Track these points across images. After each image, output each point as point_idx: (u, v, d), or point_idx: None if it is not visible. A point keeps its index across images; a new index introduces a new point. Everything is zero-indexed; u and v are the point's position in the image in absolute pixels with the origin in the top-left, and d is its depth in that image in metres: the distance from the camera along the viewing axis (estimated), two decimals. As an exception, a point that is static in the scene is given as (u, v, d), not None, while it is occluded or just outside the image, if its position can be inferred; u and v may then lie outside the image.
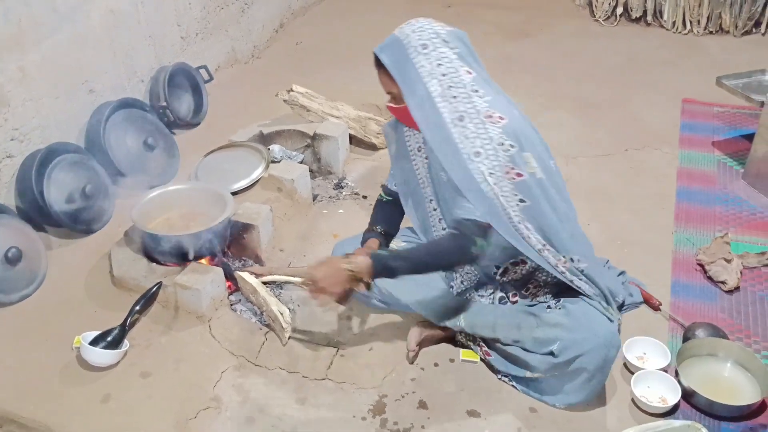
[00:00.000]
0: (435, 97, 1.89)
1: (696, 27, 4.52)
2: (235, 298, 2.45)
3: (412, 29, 1.91)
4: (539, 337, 1.99)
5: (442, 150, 1.91)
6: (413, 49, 1.89)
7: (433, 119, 1.90)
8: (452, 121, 1.89)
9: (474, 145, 1.88)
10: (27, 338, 2.30)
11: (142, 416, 2.04)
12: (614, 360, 1.97)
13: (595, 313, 1.99)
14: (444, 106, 1.89)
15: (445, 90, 1.89)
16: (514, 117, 1.93)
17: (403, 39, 1.90)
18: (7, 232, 2.44)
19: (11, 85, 2.59)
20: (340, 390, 2.15)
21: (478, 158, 1.88)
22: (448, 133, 1.89)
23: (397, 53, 1.91)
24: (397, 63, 1.90)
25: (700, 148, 3.30)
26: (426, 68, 1.89)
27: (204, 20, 3.74)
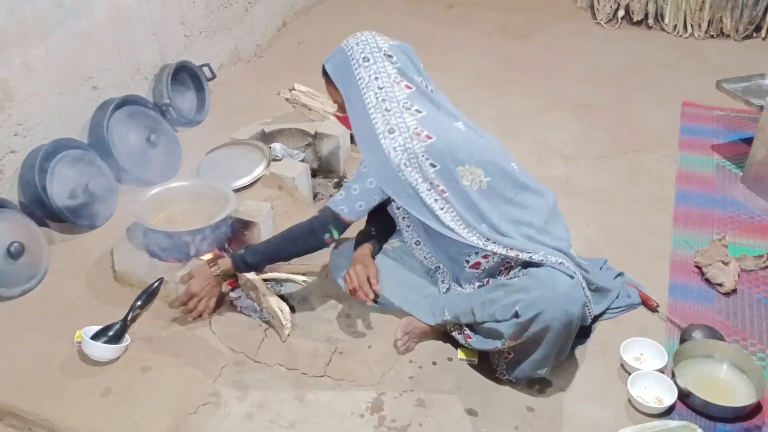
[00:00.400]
0: (369, 109, 2.02)
1: (697, 31, 4.54)
2: (235, 295, 2.46)
3: (356, 42, 2.04)
4: (507, 304, 1.99)
5: (370, 159, 2.04)
6: (355, 61, 2.02)
7: (366, 129, 2.03)
8: (382, 133, 2.01)
9: (401, 158, 2.00)
10: (28, 332, 2.32)
11: (142, 410, 2.06)
12: (578, 317, 1.97)
13: (555, 272, 1.99)
14: (377, 118, 2.01)
15: (379, 102, 2.01)
16: (447, 134, 2.01)
17: (347, 51, 2.04)
18: (9, 227, 2.46)
19: (15, 80, 2.60)
20: (339, 387, 2.16)
21: (407, 169, 2.01)
22: (377, 144, 2.01)
23: (340, 64, 2.05)
24: (340, 73, 2.05)
25: (700, 152, 3.31)
26: (365, 80, 2.01)
27: (208, 18, 3.75)
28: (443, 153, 2.00)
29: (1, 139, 2.59)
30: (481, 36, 4.56)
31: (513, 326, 1.98)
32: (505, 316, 2.00)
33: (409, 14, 4.94)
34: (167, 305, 2.39)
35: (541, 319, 1.93)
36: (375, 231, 2.34)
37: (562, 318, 1.93)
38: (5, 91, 2.57)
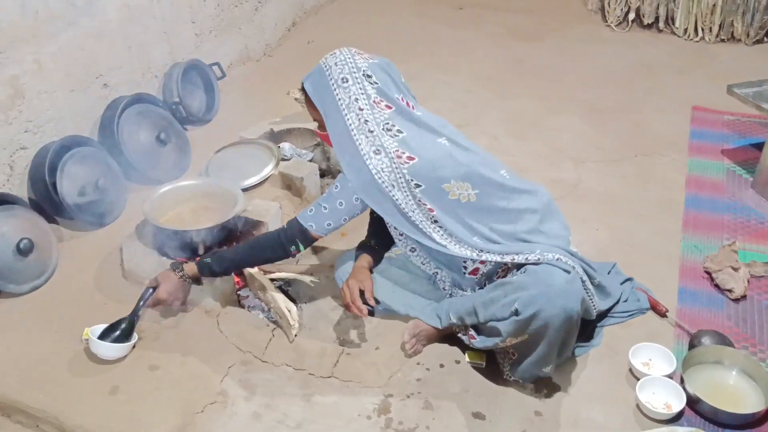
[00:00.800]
0: (352, 130, 2.01)
1: (708, 34, 4.52)
2: (243, 294, 2.46)
3: (334, 62, 2.04)
4: (506, 303, 1.99)
5: (355, 178, 2.03)
6: (334, 81, 2.02)
7: (350, 150, 2.02)
8: (367, 154, 2.00)
9: (390, 179, 2.00)
10: (37, 329, 2.32)
11: (150, 409, 2.06)
12: (578, 311, 1.96)
13: (552, 268, 1.98)
14: (360, 140, 2.01)
15: (362, 124, 2.01)
16: (428, 152, 2.01)
17: (326, 71, 2.04)
18: (19, 223, 2.46)
19: (27, 77, 2.61)
20: (346, 388, 2.16)
21: (393, 189, 2.01)
22: (362, 164, 2.01)
23: (319, 84, 2.05)
24: (320, 94, 2.05)
25: (710, 156, 3.30)
26: (345, 101, 2.01)
27: (218, 17, 3.76)
28: (427, 172, 2.00)
29: (11, 135, 2.60)
30: (490, 38, 4.55)
31: (512, 324, 1.98)
32: (505, 315, 2.00)
33: (418, 15, 4.94)
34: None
35: (540, 317, 1.92)
36: (375, 242, 2.34)
37: (560, 314, 1.92)
38: (16, 88, 2.58)
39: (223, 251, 2.25)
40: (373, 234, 2.37)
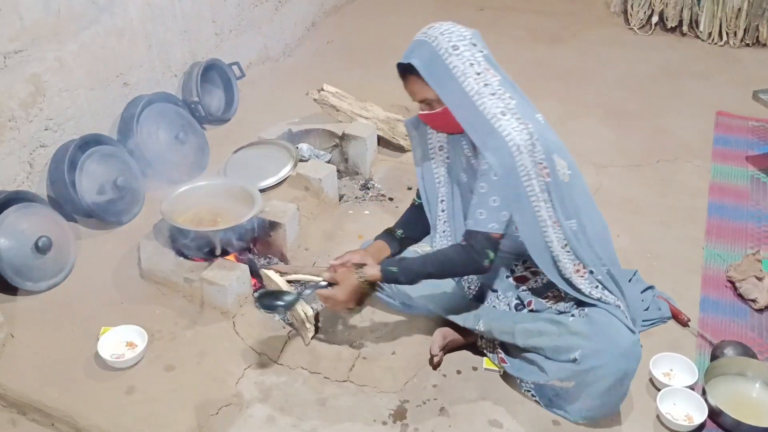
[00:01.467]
0: (473, 96, 1.89)
1: (732, 39, 4.45)
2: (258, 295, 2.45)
3: (439, 32, 1.91)
4: (560, 345, 1.97)
5: (485, 143, 1.90)
6: (444, 50, 1.89)
7: (476, 117, 1.90)
8: (494, 116, 1.89)
9: (516, 140, 1.88)
10: (54, 327, 2.32)
11: (165, 410, 2.05)
12: (633, 374, 1.94)
13: (617, 323, 1.96)
14: (485, 103, 1.89)
15: (482, 87, 1.90)
16: (538, 122, 1.94)
17: (431, 42, 1.90)
18: (38, 221, 2.47)
19: (48, 75, 2.62)
20: (362, 393, 2.14)
21: (523, 154, 1.88)
22: (491, 127, 1.89)
23: (427, 56, 1.90)
24: (430, 65, 1.90)
25: (734, 163, 3.24)
26: (459, 68, 1.89)
27: (238, 17, 3.75)
28: (542, 137, 1.91)
29: (31, 133, 2.61)
30: (512, 40, 4.51)
31: (566, 370, 1.96)
32: (557, 357, 1.98)
33: (439, 16, 4.87)
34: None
35: (597, 372, 1.90)
36: (403, 232, 2.27)
37: (618, 374, 1.90)
38: (38, 86, 2.58)
39: (408, 262, 2.05)
40: (404, 223, 2.29)
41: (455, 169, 2.14)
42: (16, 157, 2.56)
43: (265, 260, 2.59)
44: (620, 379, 1.91)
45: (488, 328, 2.11)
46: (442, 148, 2.16)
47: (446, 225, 2.22)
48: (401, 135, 3.26)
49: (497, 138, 1.88)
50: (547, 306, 2.10)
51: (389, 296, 2.31)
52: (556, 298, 2.09)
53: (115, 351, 2.19)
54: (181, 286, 2.42)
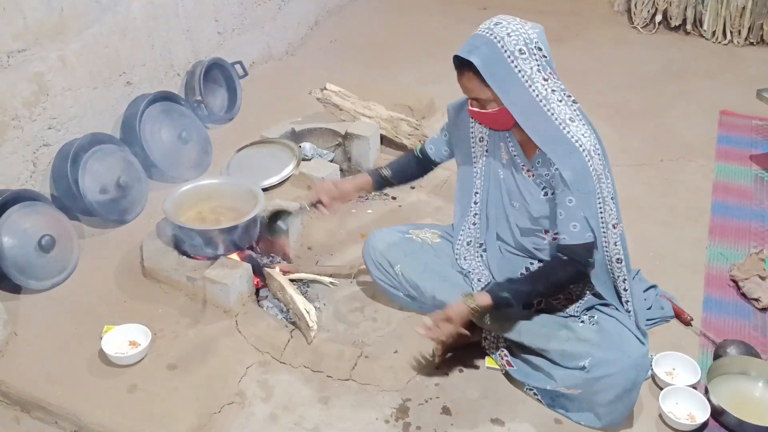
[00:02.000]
0: (541, 101, 1.87)
1: (736, 38, 4.44)
2: (262, 294, 2.45)
3: (506, 32, 1.85)
4: (568, 351, 1.97)
5: (555, 151, 1.89)
6: (510, 53, 1.84)
7: (542, 121, 1.89)
8: (563, 122, 1.89)
9: (586, 146, 1.89)
10: (57, 325, 2.33)
11: (167, 408, 2.06)
12: (641, 384, 1.95)
13: (628, 333, 1.97)
14: (553, 109, 1.88)
15: (549, 93, 1.88)
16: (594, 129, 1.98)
17: (497, 42, 1.84)
18: (41, 220, 2.48)
19: (51, 74, 2.63)
20: (364, 391, 2.14)
21: (594, 157, 1.90)
22: (561, 134, 1.89)
23: (492, 57, 1.84)
24: (494, 68, 1.84)
25: (737, 162, 3.24)
26: (527, 73, 1.86)
27: (241, 16, 3.76)
28: (602, 143, 1.96)
29: (35, 132, 2.61)
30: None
31: (573, 378, 1.96)
32: (564, 362, 1.98)
33: (442, 15, 4.91)
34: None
35: (606, 381, 1.90)
36: (391, 175, 2.31)
37: (627, 384, 1.90)
38: (41, 85, 2.59)
39: (516, 284, 2.01)
40: (394, 167, 2.33)
41: (493, 164, 2.13)
42: (19, 156, 2.56)
43: (267, 259, 2.59)
44: (628, 390, 1.91)
45: (495, 322, 2.10)
46: (483, 140, 2.13)
47: (477, 218, 2.21)
48: (404, 134, 3.26)
49: (569, 145, 1.88)
50: (557, 308, 2.10)
51: (395, 287, 2.30)
52: (568, 300, 2.10)
53: (119, 350, 2.19)
54: (183, 285, 2.42)
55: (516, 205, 2.11)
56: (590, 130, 1.92)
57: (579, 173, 1.88)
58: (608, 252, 2.01)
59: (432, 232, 2.35)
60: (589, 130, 1.92)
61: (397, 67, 4.12)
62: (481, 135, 2.14)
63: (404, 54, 4.30)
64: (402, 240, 2.31)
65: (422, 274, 2.24)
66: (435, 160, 2.30)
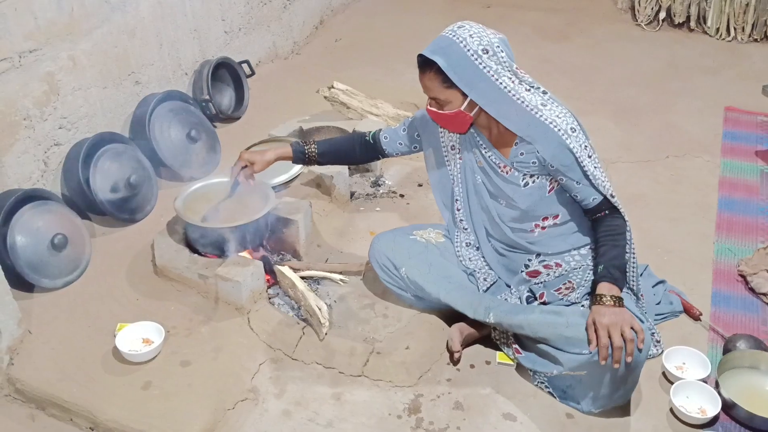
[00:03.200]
0: (510, 91, 1.95)
1: (740, 34, 4.45)
2: (273, 292, 2.47)
3: (468, 33, 1.93)
4: (570, 337, 1.98)
5: (531, 135, 1.97)
6: (474, 52, 1.92)
7: (514, 110, 1.96)
8: (536, 107, 1.96)
9: (567, 122, 1.96)
10: (70, 323, 2.34)
11: (182, 404, 2.07)
12: (644, 362, 1.94)
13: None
14: (523, 97, 1.95)
15: (517, 85, 1.96)
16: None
17: (460, 42, 1.92)
18: (54, 219, 2.49)
19: (62, 74, 2.64)
20: (376, 387, 2.16)
21: (574, 133, 1.97)
22: (534, 119, 1.96)
23: (455, 56, 1.92)
24: (458, 66, 1.92)
25: (743, 158, 3.25)
26: (492, 68, 1.93)
27: (247, 15, 3.77)
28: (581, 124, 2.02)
29: (46, 131, 2.63)
30: (519, 37, 4.51)
31: (576, 361, 1.97)
32: (568, 348, 1.98)
33: (446, 13, 4.92)
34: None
35: (608, 362, 1.90)
36: (317, 151, 2.36)
37: (630, 362, 1.89)
38: (51, 84, 2.60)
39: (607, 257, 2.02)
40: (331, 144, 2.37)
41: (469, 170, 2.19)
42: (31, 156, 2.58)
43: (277, 257, 2.60)
44: (632, 368, 1.91)
45: (498, 320, 2.12)
46: (454, 148, 2.20)
47: (464, 223, 2.27)
48: (411, 132, 3.27)
49: (543, 127, 1.96)
50: (559, 297, 2.12)
51: (402, 288, 2.33)
52: (569, 290, 2.12)
53: (133, 347, 2.21)
54: (195, 283, 2.43)
55: (502, 203, 2.16)
56: (564, 110, 1.98)
57: (560, 152, 1.96)
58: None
59: (436, 232, 2.38)
60: (563, 110, 1.98)
61: (402, 65, 4.12)
62: (452, 143, 2.21)
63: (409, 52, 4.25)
64: (406, 241, 2.33)
65: (427, 276, 2.26)
66: (386, 150, 2.35)
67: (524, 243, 2.17)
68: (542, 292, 2.15)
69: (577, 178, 2.00)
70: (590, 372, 1.97)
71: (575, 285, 2.12)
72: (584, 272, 2.13)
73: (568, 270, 2.14)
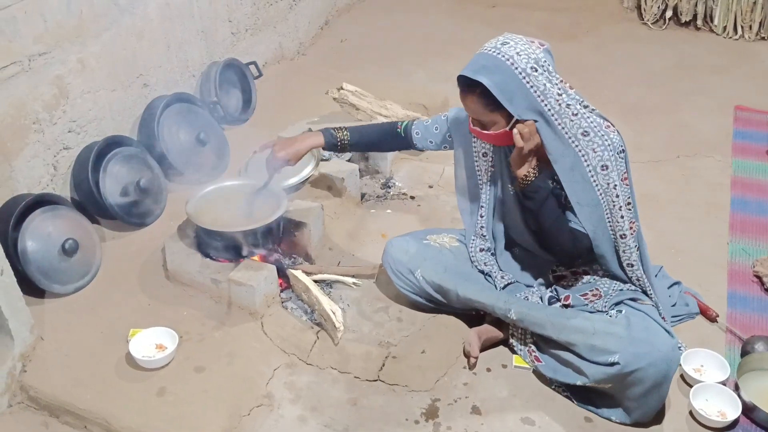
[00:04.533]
0: (553, 115, 1.89)
1: (748, 32, 4.44)
2: (285, 296, 2.45)
3: (515, 51, 1.86)
4: (596, 345, 1.96)
5: (560, 163, 1.93)
6: (522, 71, 1.85)
7: (555, 138, 1.91)
8: (575, 137, 1.91)
9: (602, 158, 1.92)
10: (82, 329, 2.32)
11: (197, 410, 2.05)
12: (671, 378, 1.93)
13: (656, 326, 1.96)
14: (564, 123, 1.90)
15: (563, 108, 1.89)
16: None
17: (507, 60, 1.85)
18: (65, 224, 2.47)
19: (71, 77, 2.61)
20: (392, 392, 2.14)
21: (605, 171, 1.92)
22: (572, 151, 1.91)
23: (503, 77, 1.85)
24: (505, 88, 1.85)
25: (755, 157, 3.23)
26: (540, 89, 1.87)
27: (254, 16, 3.75)
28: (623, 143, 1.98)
29: (55, 135, 2.60)
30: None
31: (602, 374, 1.95)
32: (593, 357, 1.96)
33: (451, 13, 4.90)
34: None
35: (638, 376, 1.89)
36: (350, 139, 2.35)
37: (658, 377, 1.89)
38: (61, 88, 2.58)
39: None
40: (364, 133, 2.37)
41: (500, 179, 2.16)
42: (40, 160, 2.56)
43: (289, 260, 2.58)
44: (659, 384, 1.90)
45: (520, 317, 2.10)
46: (486, 155, 2.16)
47: (483, 230, 2.24)
48: (421, 133, 3.25)
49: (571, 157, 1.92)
50: (584, 302, 2.09)
51: (417, 293, 2.31)
52: (596, 296, 2.09)
53: (146, 353, 2.19)
54: (207, 287, 2.41)
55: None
56: (604, 143, 1.92)
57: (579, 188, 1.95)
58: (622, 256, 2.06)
59: (450, 237, 2.36)
60: (602, 142, 1.92)
61: (409, 66, 4.11)
62: (484, 150, 2.17)
63: (415, 53, 4.29)
64: (420, 246, 2.31)
65: (443, 274, 2.24)
66: (417, 144, 2.33)
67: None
68: (568, 294, 2.12)
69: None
70: (616, 385, 1.95)
71: (602, 293, 2.09)
72: (611, 282, 2.11)
73: (596, 279, 2.12)
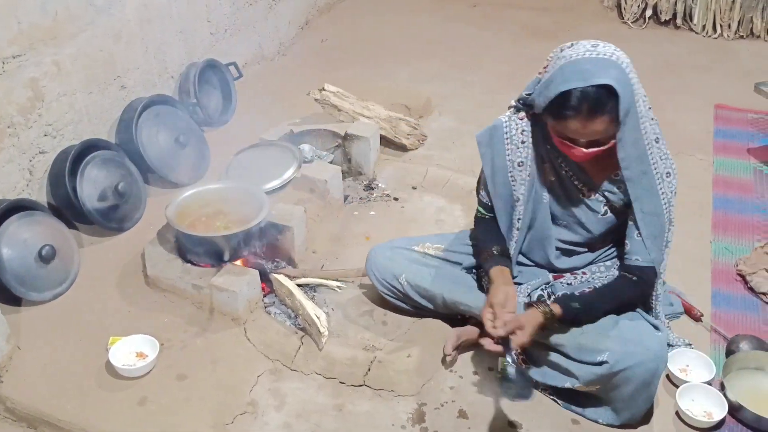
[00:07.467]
0: (641, 118, 1.84)
1: (726, 31, 4.46)
2: (268, 301, 2.42)
3: (628, 59, 1.82)
4: (585, 345, 1.94)
5: (632, 169, 1.89)
6: (627, 65, 1.82)
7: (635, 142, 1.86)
8: (649, 143, 1.88)
9: (666, 166, 1.92)
10: (61, 337, 2.28)
11: (180, 419, 2.02)
12: (660, 376, 1.92)
13: (644, 324, 1.95)
14: (645, 127, 1.86)
15: (646, 111, 1.86)
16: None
17: (625, 68, 1.79)
18: (41, 230, 2.42)
19: (46, 80, 2.56)
20: (378, 397, 2.12)
21: (669, 178, 1.93)
22: (647, 156, 1.88)
23: (629, 88, 1.78)
24: (629, 99, 1.78)
25: (736, 156, 3.25)
26: (642, 110, 1.84)
27: (233, 16, 3.70)
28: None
29: (31, 139, 2.55)
30: (506, 36, 4.49)
31: (591, 374, 1.93)
32: (581, 357, 1.94)
33: (433, 13, 4.88)
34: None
35: (626, 375, 1.87)
36: (497, 249, 2.08)
37: (646, 376, 1.87)
38: (36, 90, 2.53)
39: (587, 298, 1.97)
40: (489, 241, 2.10)
41: (537, 188, 2.05)
42: (15, 165, 2.50)
43: (272, 264, 2.55)
44: (648, 383, 1.89)
45: None
46: (522, 164, 2.02)
47: (517, 244, 2.13)
48: (403, 134, 3.24)
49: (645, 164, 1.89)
50: None
51: (400, 300, 2.29)
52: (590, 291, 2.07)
53: (126, 361, 2.14)
54: (189, 293, 2.38)
55: (563, 223, 2.08)
56: (666, 152, 1.93)
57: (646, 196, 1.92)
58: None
59: (435, 247, 2.29)
60: (666, 150, 1.93)
61: (390, 66, 4.08)
62: (520, 160, 2.02)
63: (396, 53, 4.26)
64: (404, 251, 2.27)
65: (428, 278, 2.21)
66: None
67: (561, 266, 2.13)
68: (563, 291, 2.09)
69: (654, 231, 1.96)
70: (604, 386, 1.93)
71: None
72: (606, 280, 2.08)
73: (593, 279, 2.11)
